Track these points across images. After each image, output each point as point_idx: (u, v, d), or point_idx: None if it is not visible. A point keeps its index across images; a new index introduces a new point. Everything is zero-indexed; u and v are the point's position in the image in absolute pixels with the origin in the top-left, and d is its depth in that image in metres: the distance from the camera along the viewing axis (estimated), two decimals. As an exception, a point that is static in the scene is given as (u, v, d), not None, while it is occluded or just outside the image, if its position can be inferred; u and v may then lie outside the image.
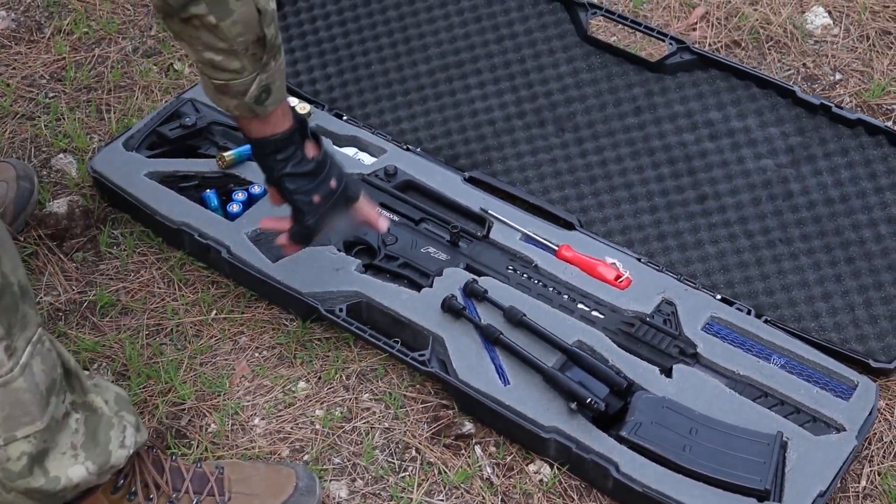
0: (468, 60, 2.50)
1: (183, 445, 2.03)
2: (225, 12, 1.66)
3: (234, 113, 1.82)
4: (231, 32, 1.68)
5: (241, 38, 1.70)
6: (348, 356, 2.16)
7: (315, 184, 1.93)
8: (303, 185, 1.92)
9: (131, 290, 2.27)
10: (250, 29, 1.70)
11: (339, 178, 1.97)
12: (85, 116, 2.58)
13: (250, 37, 1.70)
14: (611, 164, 2.37)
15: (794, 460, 1.93)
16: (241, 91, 1.77)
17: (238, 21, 1.67)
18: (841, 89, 2.67)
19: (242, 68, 1.74)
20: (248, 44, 1.71)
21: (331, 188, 1.95)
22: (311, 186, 1.93)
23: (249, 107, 1.79)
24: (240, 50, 1.71)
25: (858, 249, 2.20)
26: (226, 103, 1.80)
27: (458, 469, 2.00)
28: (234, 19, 1.67)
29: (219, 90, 1.78)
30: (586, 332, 2.09)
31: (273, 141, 1.87)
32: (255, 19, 1.69)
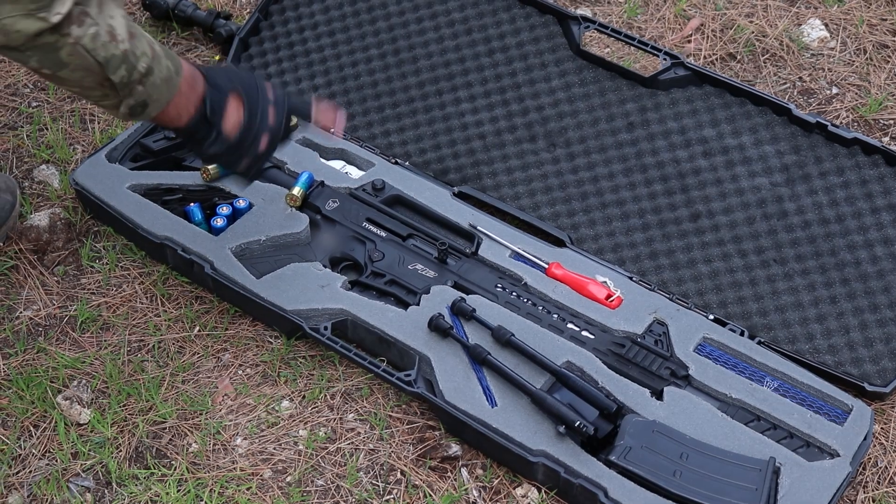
0: (458, 73, 2.46)
1: (163, 466, 1.99)
2: (57, 65, 1.67)
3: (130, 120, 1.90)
4: (72, 78, 1.70)
5: (86, 80, 1.71)
6: (333, 375, 2.12)
7: (240, 152, 1.93)
8: (228, 158, 1.93)
9: (113, 305, 2.22)
10: (92, 76, 1.70)
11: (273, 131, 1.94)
12: (68, 127, 2.53)
13: (94, 81, 1.71)
14: (602, 181, 2.33)
15: (786, 487, 1.89)
16: (112, 108, 1.78)
17: (75, 70, 1.68)
18: (837, 104, 2.63)
19: (103, 96, 1.75)
20: (97, 82, 1.71)
21: (259, 151, 1.94)
22: (236, 156, 1.93)
23: (126, 117, 1.80)
24: (91, 87, 1.72)
25: (854, 271, 2.16)
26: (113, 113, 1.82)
27: (444, 492, 1.96)
28: (70, 70, 1.68)
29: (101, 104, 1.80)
30: (576, 353, 2.05)
31: (175, 130, 1.89)
32: (94, 68, 1.69)
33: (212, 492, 1.95)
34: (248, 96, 1.91)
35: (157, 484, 1.96)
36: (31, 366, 2.12)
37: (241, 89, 1.90)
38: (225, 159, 1.94)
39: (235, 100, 1.90)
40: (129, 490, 1.96)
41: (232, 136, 1.90)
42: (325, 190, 2.29)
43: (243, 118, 1.90)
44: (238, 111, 1.90)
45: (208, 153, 1.92)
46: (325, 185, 2.30)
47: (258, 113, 1.92)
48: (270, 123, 1.94)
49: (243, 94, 1.91)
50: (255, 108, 1.91)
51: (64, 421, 2.04)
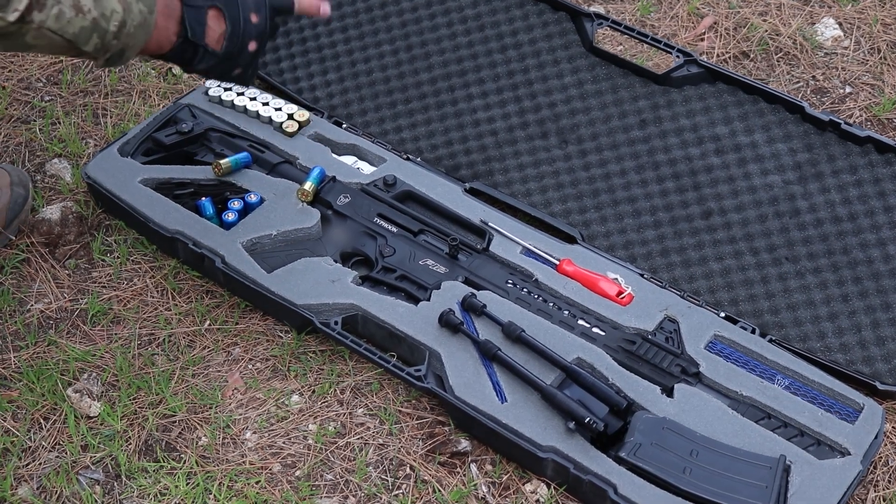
0: (471, 69, 2.46)
1: (172, 459, 1.99)
2: (25, 47, 1.68)
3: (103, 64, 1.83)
4: (46, 51, 1.71)
5: (58, 51, 1.72)
6: (343, 370, 2.11)
7: (231, 62, 1.93)
8: (220, 70, 1.94)
9: (124, 299, 2.23)
10: (63, 49, 1.72)
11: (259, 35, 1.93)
12: (81, 121, 2.54)
13: (66, 52, 1.73)
14: (614, 178, 2.32)
15: (797, 485, 1.88)
16: (92, 58, 1.78)
17: (44, 48, 1.69)
18: (851, 102, 2.62)
19: (78, 55, 1.76)
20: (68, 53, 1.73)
21: (250, 52, 1.94)
22: (228, 66, 1.94)
23: (107, 65, 1.81)
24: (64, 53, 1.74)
25: (866, 269, 2.15)
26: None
27: (453, 488, 1.95)
28: (38, 48, 1.69)
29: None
30: (586, 350, 2.04)
31: (159, 56, 1.88)
32: (63, 44, 1.71)
33: (221, 485, 1.95)
34: (227, 5, 1.89)
35: (166, 477, 1.97)
36: (41, 358, 2.12)
37: (218, 1, 1.89)
38: (217, 72, 1.94)
39: (215, 12, 1.88)
40: (139, 483, 1.96)
41: (219, 48, 1.90)
42: (336, 185, 2.29)
43: (226, 28, 1.89)
44: (220, 23, 1.89)
45: (199, 69, 1.92)
46: (337, 180, 2.30)
47: (240, 20, 1.90)
48: (255, 25, 1.92)
49: (221, 5, 1.89)
50: (236, 16, 1.89)
51: (74, 413, 2.04)
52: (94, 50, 1.73)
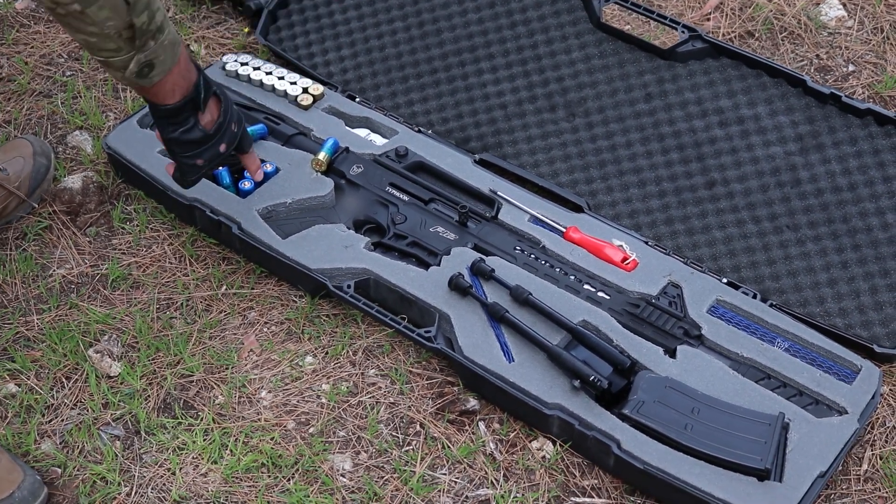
0: (481, 45, 2.52)
1: (190, 416, 2.06)
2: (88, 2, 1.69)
3: (121, 83, 1.85)
4: (98, 17, 1.71)
5: (110, 22, 1.73)
6: (355, 332, 2.18)
7: (202, 150, 2.02)
8: (188, 150, 2.00)
9: (143, 265, 2.29)
10: (118, 16, 1.73)
11: (230, 141, 2.04)
12: (101, 95, 2.60)
13: (119, 23, 1.74)
14: (620, 150, 2.38)
15: (795, 441, 1.94)
16: (121, 67, 1.81)
17: (104, 6, 1.70)
18: (854, 80, 2.68)
19: (118, 48, 1.78)
20: (118, 28, 1.74)
21: (219, 152, 2.04)
22: (196, 151, 2.01)
23: (132, 81, 1.84)
24: (112, 34, 1.74)
25: (865, 237, 2.21)
26: (114, 76, 1.85)
27: (462, 444, 2.02)
28: (99, 5, 1.70)
29: (102, 65, 1.83)
30: (592, 313, 2.10)
31: (161, 109, 1.93)
32: (122, 8, 1.72)
33: (237, 441, 2.01)
34: (225, 100, 2.01)
35: (184, 433, 2.03)
36: (63, 321, 2.19)
37: (220, 93, 2.00)
38: (189, 149, 2.00)
39: (215, 98, 2.00)
40: (158, 439, 2.02)
41: (208, 129, 1.99)
42: (349, 156, 2.36)
43: (218, 117, 2.00)
44: (215, 110, 2.00)
45: (183, 138, 1.97)
46: (350, 151, 2.36)
47: (228, 119, 2.02)
48: (234, 132, 2.05)
49: (221, 97, 2.01)
50: (228, 113, 2.01)
51: (95, 373, 2.11)
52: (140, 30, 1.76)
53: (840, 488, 1.99)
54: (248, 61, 2.53)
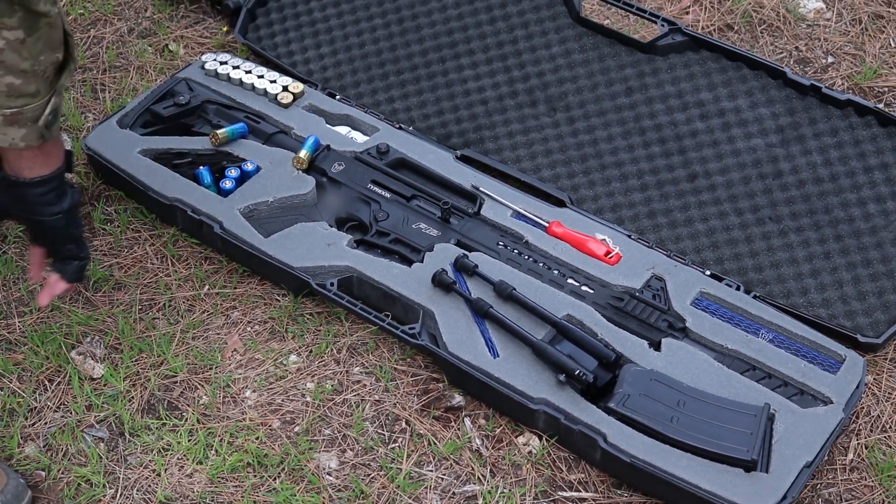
0: (461, 41, 2.52)
1: (174, 417, 2.05)
2: (33, 29, 1.64)
3: (20, 145, 1.72)
4: (34, 50, 1.65)
5: (43, 56, 1.67)
6: (339, 330, 2.17)
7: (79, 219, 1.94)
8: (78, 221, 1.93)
9: (124, 266, 2.28)
10: (53, 50, 1.69)
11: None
12: (80, 96, 2.59)
13: (51, 58, 1.69)
14: (602, 144, 2.38)
15: (781, 432, 1.94)
16: (34, 117, 1.72)
17: (43, 38, 1.66)
18: (833, 72, 2.68)
19: (37, 91, 1.70)
20: (47, 65, 1.69)
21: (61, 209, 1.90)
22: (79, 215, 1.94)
23: (40, 132, 1.73)
24: (39, 71, 1.68)
25: (847, 227, 2.21)
26: (11, 135, 1.72)
27: (448, 440, 2.01)
28: (39, 35, 1.65)
29: (8, 121, 1.70)
30: (576, 307, 2.10)
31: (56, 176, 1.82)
32: (60, 41, 1.69)
33: (222, 440, 2.00)
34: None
35: (168, 434, 2.02)
36: (45, 323, 2.17)
37: None
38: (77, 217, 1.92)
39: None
40: (142, 440, 2.01)
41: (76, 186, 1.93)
42: (331, 153, 2.35)
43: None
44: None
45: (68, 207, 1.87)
46: (331, 148, 2.36)
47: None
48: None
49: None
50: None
51: (78, 375, 2.09)
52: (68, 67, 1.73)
53: (826, 478, 2.00)
54: (228, 60, 2.52)
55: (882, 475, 1.99)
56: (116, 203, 2.38)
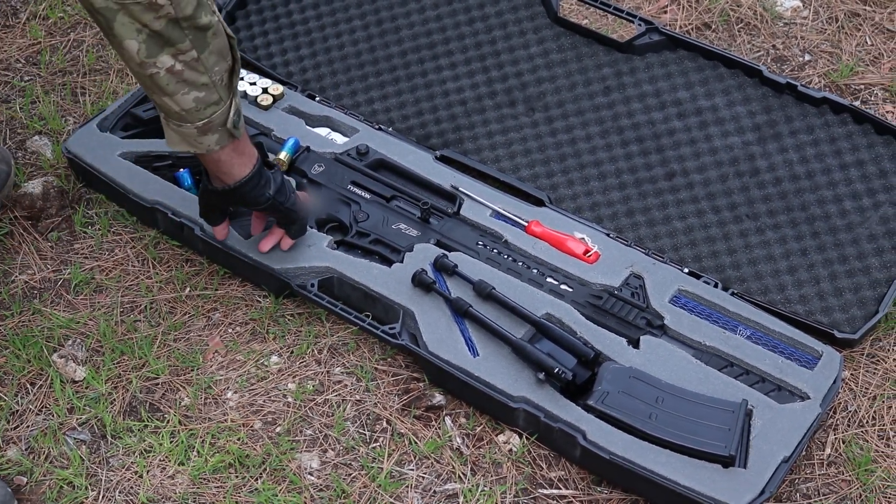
0: (439, 42, 2.53)
1: (156, 419, 2.05)
2: (203, 44, 1.76)
3: (215, 148, 1.89)
4: (209, 63, 1.78)
5: (218, 67, 1.80)
6: (320, 331, 2.18)
7: (289, 186, 2.07)
8: (287, 193, 2.05)
9: (105, 269, 2.29)
10: (223, 61, 1.81)
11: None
12: (60, 99, 2.59)
13: (224, 66, 1.82)
14: (580, 143, 2.39)
15: (758, 427, 1.96)
16: (222, 122, 1.87)
17: (212, 53, 1.78)
18: (810, 70, 2.70)
19: (220, 98, 1.84)
20: (222, 73, 1.82)
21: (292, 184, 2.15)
22: (290, 191, 2.07)
23: (230, 132, 1.89)
24: (217, 80, 1.82)
25: (824, 224, 2.23)
26: (207, 142, 1.88)
27: (429, 439, 2.02)
28: (209, 52, 1.77)
29: (201, 131, 1.86)
30: (555, 305, 2.11)
31: (256, 173, 1.98)
32: (226, 48, 1.81)
33: (203, 442, 2.01)
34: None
35: (150, 436, 2.03)
36: (27, 326, 2.18)
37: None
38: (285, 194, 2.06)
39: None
40: (124, 442, 2.02)
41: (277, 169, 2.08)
42: (310, 155, 2.36)
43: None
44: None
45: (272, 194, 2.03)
46: (311, 150, 2.37)
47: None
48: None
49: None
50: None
51: (60, 378, 2.10)
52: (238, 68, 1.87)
53: (804, 473, 2.01)
54: (207, 62, 2.52)
55: (859, 469, 2.01)
56: (97, 206, 2.39)
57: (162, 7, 1.70)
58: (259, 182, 1.99)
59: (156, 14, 1.70)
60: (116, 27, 1.72)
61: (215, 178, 1.99)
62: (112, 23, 1.71)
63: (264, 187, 2.00)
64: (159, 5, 1.69)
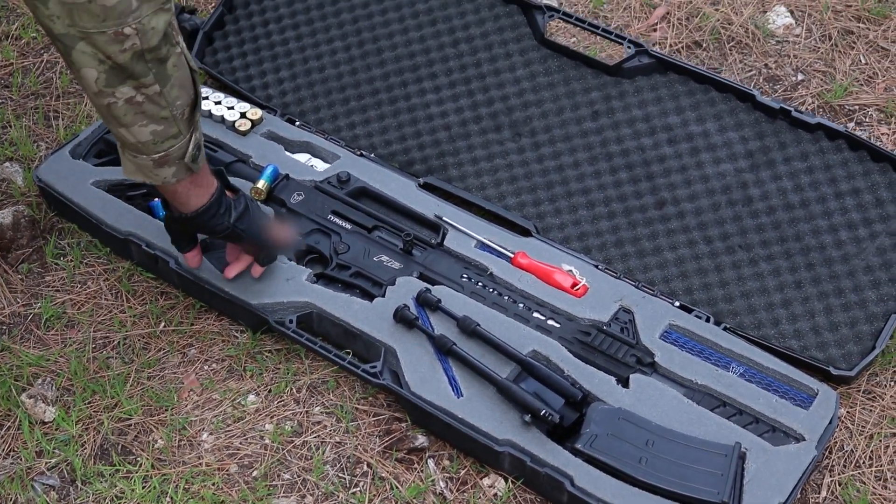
0: (423, 64, 2.46)
1: (128, 462, 1.98)
2: (165, 78, 1.71)
3: (172, 181, 1.84)
4: (171, 97, 1.74)
5: (180, 101, 1.76)
6: (299, 368, 2.11)
7: (254, 214, 2.01)
8: (249, 220, 2.00)
9: (78, 302, 2.21)
10: (185, 93, 1.77)
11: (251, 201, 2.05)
12: (32, 123, 2.52)
13: (187, 100, 1.77)
14: (568, 170, 2.32)
15: (752, 471, 1.89)
16: (180, 156, 1.82)
17: (174, 86, 1.73)
18: (803, 90, 2.64)
19: (179, 132, 1.80)
20: (184, 107, 1.78)
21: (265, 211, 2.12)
22: (255, 217, 2.01)
23: (187, 167, 1.84)
24: (178, 114, 1.77)
25: (819, 255, 2.17)
26: (163, 175, 1.83)
27: (411, 484, 1.95)
28: (170, 85, 1.72)
29: (158, 164, 1.81)
30: (542, 342, 2.05)
31: (214, 203, 1.93)
32: (188, 81, 1.76)
33: (177, 487, 1.94)
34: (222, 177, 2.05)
35: (122, 481, 1.96)
36: (-5, 364, 2.11)
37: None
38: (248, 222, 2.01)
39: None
40: (95, 487, 1.95)
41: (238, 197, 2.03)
42: (290, 183, 2.29)
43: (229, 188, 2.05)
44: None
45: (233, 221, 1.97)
46: (290, 178, 2.30)
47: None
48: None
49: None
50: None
51: (28, 419, 2.03)
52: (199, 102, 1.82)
53: (799, 517, 1.95)
54: (184, 86, 2.45)
55: (856, 513, 1.95)
56: (69, 236, 2.31)
57: (127, 38, 1.63)
58: (217, 211, 1.94)
59: (121, 46, 1.64)
60: (75, 55, 1.66)
61: (173, 207, 1.95)
62: (71, 50, 1.66)
63: (223, 216, 1.95)
64: (125, 35, 1.63)
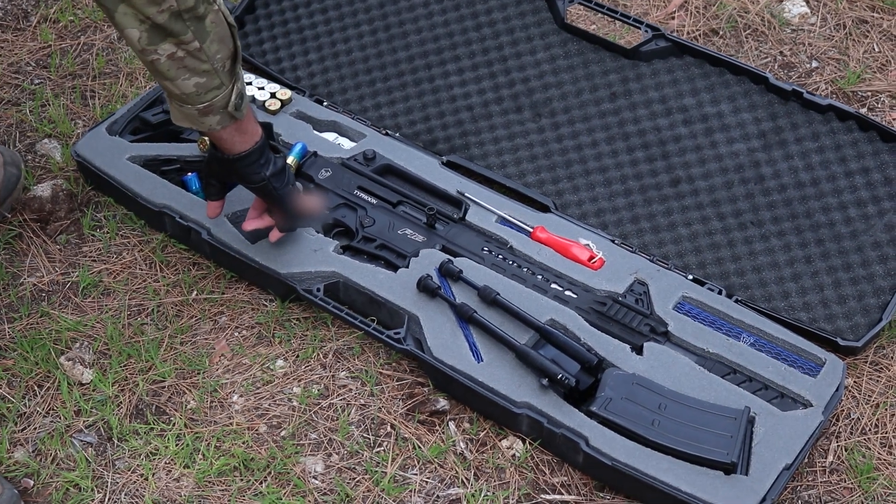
0: (447, 47, 2.54)
1: (162, 422, 2.07)
2: (204, 34, 1.81)
3: (217, 128, 1.95)
4: (210, 51, 1.83)
5: (220, 55, 1.85)
6: (326, 335, 2.19)
7: (289, 178, 2.09)
8: (283, 180, 2.07)
9: (113, 272, 2.30)
10: (225, 47, 1.86)
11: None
12: (69, 102, 2.61)
13: (226, 53, 1.86)
14: (586, 149, 2.40)
15: (761, 435, 1.96)
16: (223, 105, 1.92)
17: (213, 41, 1.83)
18: (817, 76, 2.71)
19: (221, 84, 1.89)
20: (224, 60, 1.86)
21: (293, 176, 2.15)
22: (289, 181, 2.09)
23: (231, 115, 1.93)
24: (219, 67, 1.87)
25: (828, 231, 2.24)
26: (209, 122, 1.93)
27: (432, 444, 2.03)
28: (210, 40, 1.82)
29: (203, 113, 1.92)
30: (559, 311, 2.12)
31: (256, 150, 2.02)
32: (227, 36, 1.86)
33: (209, 445, 2.03)
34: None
35: (156, 438, 2.04)
36: (34, 329, 2.20)
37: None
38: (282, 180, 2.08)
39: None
40: (130, 444, 2.04)
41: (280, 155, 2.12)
42: (318, 160, 2.37)
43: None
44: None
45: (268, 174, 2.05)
46: (318, 155, 2.38)
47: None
48: None
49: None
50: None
51: (67, 380, 2.12)
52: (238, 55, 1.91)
53: (806, 480, 2.02)
54: (216, 67, 2.53)
55: (861, 477, 2.01)
56: (106, 209, 2.40)
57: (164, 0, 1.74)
58: (258, 160, 2.03)
59: (158, 7, 1.75)
60: (118, 17, 1.77)
61: (219, 148, 2.04)
62: (113, 13, 1.77)
63: (263, 166, 2.04)
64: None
